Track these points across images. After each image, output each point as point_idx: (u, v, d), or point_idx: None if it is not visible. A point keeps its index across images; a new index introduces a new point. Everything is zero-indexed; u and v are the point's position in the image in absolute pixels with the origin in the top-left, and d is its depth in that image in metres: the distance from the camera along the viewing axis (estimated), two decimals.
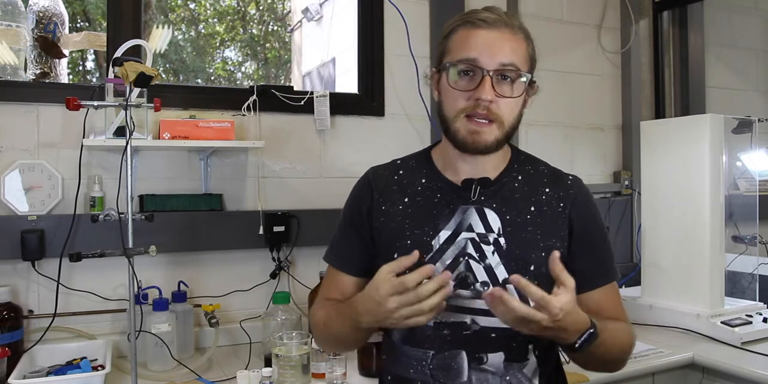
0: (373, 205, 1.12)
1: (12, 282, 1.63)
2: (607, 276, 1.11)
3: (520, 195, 1.08)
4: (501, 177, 1.09)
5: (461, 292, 1.03)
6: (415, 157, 1.18)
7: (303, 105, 1.98)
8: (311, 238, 1.92)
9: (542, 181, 1.11)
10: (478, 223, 1.05)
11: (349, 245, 1.15)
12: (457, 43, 1.03)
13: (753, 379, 1.52)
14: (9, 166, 1.65)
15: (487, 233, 1.04)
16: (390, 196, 1.11)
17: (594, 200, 1.14)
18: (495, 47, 1.00)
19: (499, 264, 1.03)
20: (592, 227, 1.10)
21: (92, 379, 1.39)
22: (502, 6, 2.31)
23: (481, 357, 1.02)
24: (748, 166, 2.32)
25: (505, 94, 1.01)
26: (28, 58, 1.82)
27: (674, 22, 2.74)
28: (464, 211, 1.06)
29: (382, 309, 0.92)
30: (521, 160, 1.14)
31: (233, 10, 6.05)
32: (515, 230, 1.04)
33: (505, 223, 1.05)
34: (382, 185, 1.13)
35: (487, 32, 1.01)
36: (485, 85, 0.98)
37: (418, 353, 1.05)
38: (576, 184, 1.12)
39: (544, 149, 2.40)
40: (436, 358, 1.03)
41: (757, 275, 2.09)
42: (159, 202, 1.78)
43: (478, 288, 1.02)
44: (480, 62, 0.99)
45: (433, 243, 1.05)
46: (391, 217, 1.09)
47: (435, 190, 1.09)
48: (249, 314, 1.86)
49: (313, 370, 1.48)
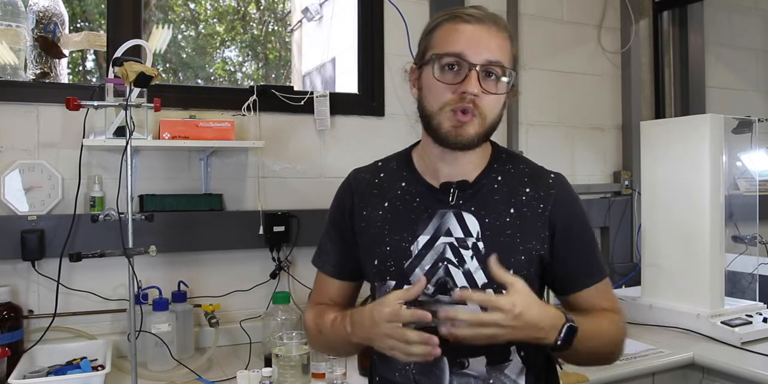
0: (354, 209, 1.11)
1: (12, 282, 1.63)
2: (595, 275, 1.08)
3: (500, 197, 1.06)
4: (480, 178, 1.07)
5: (441, 298, 1.01)
6: (396, 159, 1.16)
7: (303, 105, 1.98)
8: (311, 238, 1.91)
9: (522, 180, 1.08)
10: (456, 227, 1.03)
11: (333, 249, 1.15)
12: (442, 37, 1.01)
13: (753, 379, 1.52)
14: (9, 166, 1.65)
15: (466, 237, 1.02)
16: (370, 201, 1.10)
17: (577, 198, 1.10)
18: (482, 43, 0.98)
19: (478, 269, 1.01)
20: (575, 227, 1.07)
21: (92, 379, 1.39)
22: (502, 6, 2.31)
23: (462, 362, 1.02)
24: (748, 166, 2.32)
25: (490, 90, 0.99)
26: (28, 58, 1.82)
27: (674, 22, 2.74)
28: (442, 216, 1.04)
29: (375, 330, 0.93)
30: (502, 159, 1.11)
31: (233, 10, 6.05)
32: (494, 234, 1.02)
33: (483, 226, 1.03)
34: (362, 189, 1.12)
35: (474, 27, 0.99)
36: (471, 79, 0.96)
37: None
38: (558, 182, 1.08)
39: (544, 149, 2.41)
40: (419, 364, 1.02)
41: (757, 275, 2.09)
42: (159, 202, 1.78)
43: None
44: (467, 56, 0.97)
45: (412, 248, 1.03)
46: (371, 222, 1.08)
47: (414, 194, 1.08)
48: (249, 314, 1.86)
49: (313, 370, 1.48)
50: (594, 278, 1.08)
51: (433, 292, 1.01)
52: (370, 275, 1.11)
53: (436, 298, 1.01)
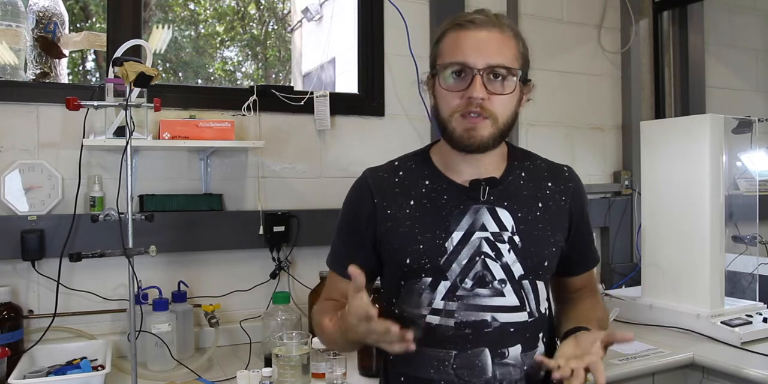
0: (375, 210, 1.11)
1: (12, 282, 1.63)
2: (595, 259, 1.24)
3: (527, 192, 1.11)
4: (506, 175, 1.12)
5: (480, 291, 1.04)
6: (413, 158, 1.17)
7: (303, 105, 1.98)
8: (311, 238, 1.92)
9: (543, 175, 1.15)
10: (491, 222, 1.07)
11: (349, 251, 1.15)
12: (447, 46, 1.05)
13: (753, 379, 1.52)
14: (9, 166, 1.65)
15: (501, 232, 1.06)
16: (395, 200, 1.11)
17: (584, 187, 1.21)
18: (483, 47, 1.02)
19: (515, 261, 1.05)
20: (585, 216, 1.18)
21: (92, 379, 1.39)
22: (502, 6, 2.32)
23: (503, 352, 1.05)
24: (748, 166, 2.32)
25: (497, 91, 1.02)
26: (28, 58, 1.82)
27: (674, 22, 2.74)
28: (476, 211, 1.07)
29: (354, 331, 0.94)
30: (518, 156, 1.17)
31: (233, 10, 6.05)
32: (528, 228, 1.08)
33: (517, 221, 1.07)
34: (383, 188, 1.12)
35: (475, 33, 1.03)
36: (476, 83, 1.00)
37: (439, 354, 1.05)
38: (572, 175, 1.19)
39: (544, 149, 2.37)
40: (459, 358, 1.04)
41: (757, 275, 2.09)
42: (159, 202, 1.78)
43: (496, 286, 1.05)
44: (469, 63, 1.01)
45: (447, 245, 1.05)
46: (398, 221, 1.09)
47: (441, 192, 1.09)
48: (249, 314, 1.86)
49: (313, 370, 1.48)
50: (594, 261, 1.24)
51: (471, 285, 1.04)
52: (397, 274, 1.10)
53: (476, 292, 1.05)
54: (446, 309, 1.04)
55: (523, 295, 1.06)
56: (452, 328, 1.04)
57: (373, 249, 1.13)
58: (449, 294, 1.05)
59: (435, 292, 1.05)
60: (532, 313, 1.07)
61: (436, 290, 1.05)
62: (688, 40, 2.70)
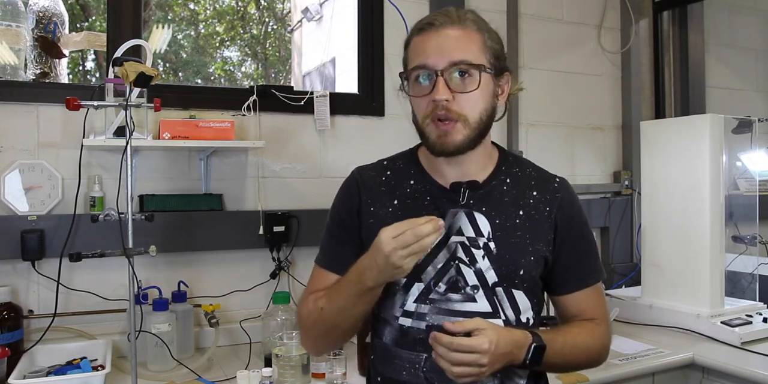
0: (361, 206, 1.11)
1: (12, 282, 1.63)
2: (592, 277, 1.13)
3: (509, 199, 1.08)
4: (489, 180, 1.09)
5: (452, 296, 1.03)
6: (401, 158, 1.17)
7: (303, 105, 1.98)
8: (311, 238, 1.92)
9: (529, 184, 1.11)
10: (468, 226, 1.05)
11: (339, 247, 1.14)
12: (411, 52, 1.05)
13: (753, 379, 1.52)
14: (9, 166, 1.65)
15: (477, 237, 1.04)
16: (379, 198, 1.11)
17: (579, 201, 1.15)
18: (443, 48, 1.00)
19: (489, 268, 1.03)
20: (576, 229, 1.11)
21: (92, 379, 1.39)
22: (502, 6, 2.32)
23: None
24: (748, 166, 2.32)
25: (460, 90, 1.00)
26: (28, 58, 1.82)
27: (674, 22, 2.74)
28: (454, 215, 1.06)
29: (381, 254, 0.91)
30: (509, 161, 1.14)
31: (233, 10, 6.05)
32: (505, 235, 1.05)
33: (494, 227, 1.05)
34: (370, 186, 1.13)
35: (433, 34, 1.02)
36: (438, 85, 0.98)
37: (411, 356, 1.05)
38: (562, 186, 1.13)
39: (544, 149, 2.40)
40: (430, 361, 1.02)
41: (757, 275, 2.09)
42: (159, 202, 1.78)
43: (468, 291, 1.03)
44: (429, 64, 1.00)
45: None
46: (380, 219, 1.08)
47: (424, 193, 1.09)
48: (249, 314, 1.86)
49: (313, 370, 1.49)
50: (591, 280, 1.12)
51: (444, 289, 1.03)
52: None
53: (448, 296, 1.03)
54: (418, 311, 1.04)
55: (496, 302, 1.04)
56: (423, 330, 1.03)
57: (361, 245, 1.11)
58: (422, 297, 1.04)
59: (408, 294, 1.05)
60: (508, 321, 1.04)
61: (409, 292, 1.05)
62: (688, 40, 2.70)
